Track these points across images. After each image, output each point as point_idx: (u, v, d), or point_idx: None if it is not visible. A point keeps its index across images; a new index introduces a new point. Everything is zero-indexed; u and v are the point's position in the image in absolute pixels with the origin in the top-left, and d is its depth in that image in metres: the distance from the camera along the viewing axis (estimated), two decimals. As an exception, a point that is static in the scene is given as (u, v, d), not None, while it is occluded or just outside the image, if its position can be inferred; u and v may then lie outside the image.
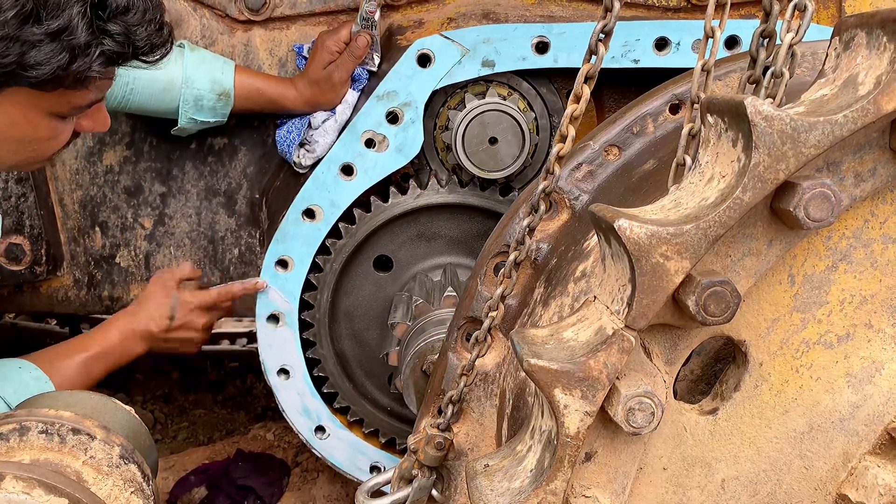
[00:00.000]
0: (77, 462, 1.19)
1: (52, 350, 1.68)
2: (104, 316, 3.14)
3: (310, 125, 1.78)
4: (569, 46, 1.66)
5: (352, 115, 1.76)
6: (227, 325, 3.49)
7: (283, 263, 1.78)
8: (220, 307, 1.83)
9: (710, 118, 0.94)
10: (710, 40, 1.02)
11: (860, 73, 0.88)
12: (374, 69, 1.77)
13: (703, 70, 1.03)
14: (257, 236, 1.98)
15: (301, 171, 1.82)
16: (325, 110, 1.78)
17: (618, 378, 0.91)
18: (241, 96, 1.78)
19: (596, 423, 0.93)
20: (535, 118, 1.79)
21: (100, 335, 1.72)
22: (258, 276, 1.80)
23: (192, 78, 1.74)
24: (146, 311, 1.75)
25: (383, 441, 1.92)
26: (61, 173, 1.92)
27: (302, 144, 1.79)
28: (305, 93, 1.77)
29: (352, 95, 1.77)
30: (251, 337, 3.22)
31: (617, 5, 1.07)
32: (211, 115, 1.78)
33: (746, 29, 1.65)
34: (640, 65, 1.66)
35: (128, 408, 1.34)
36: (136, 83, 1.73)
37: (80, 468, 1.19)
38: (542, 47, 1.66)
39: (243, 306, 1.91)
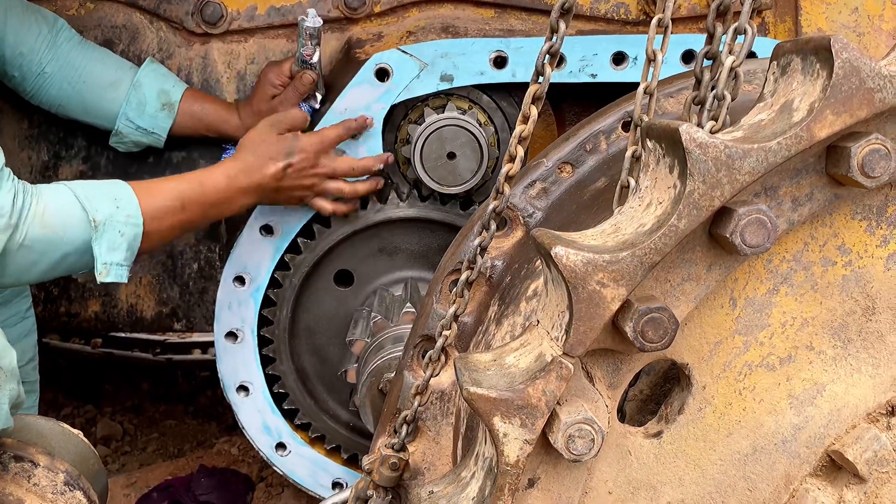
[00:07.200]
0: (20, 490, 1.17)
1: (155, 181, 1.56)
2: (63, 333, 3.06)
3: None
4: (527, 61, 1.65)
5: None
6: (199, 335, 3.45)
7: (240, 280, 1.76)
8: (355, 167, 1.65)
9: (649, 143, 0.94)
10: (653, 63, 1.02)
11: (795, 99, 0.88)
12: (317, 106, 1.78)
13: (645, 93, 1.02)
14: (217, 251, 1.96)
15: None
16: None
17: (558, 404, 0.91)
18: (184, 112, 1.78)
19: (538, 450, 0.93)
20: (496, 132, 1.78)
21: (203, 174, 1.55)
22: (216, 292, 1.77)
23: (142, 82, 1.76)
24: (256, 156, 1.56)
25: (345, 457, 1.90)
26: (16, 189, 1.88)
27: None
28: (248, 121, 1.77)
29: None
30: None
31: (563, 26, 1.07)
32: (150, 123, 1.77)
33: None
34: (597, 79, 1.66)
35: (76, 431, 1.32)
36: (85, 72, 1.73)
37: (24, 495, 1.17)
38: (500, 62, 1.65)
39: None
